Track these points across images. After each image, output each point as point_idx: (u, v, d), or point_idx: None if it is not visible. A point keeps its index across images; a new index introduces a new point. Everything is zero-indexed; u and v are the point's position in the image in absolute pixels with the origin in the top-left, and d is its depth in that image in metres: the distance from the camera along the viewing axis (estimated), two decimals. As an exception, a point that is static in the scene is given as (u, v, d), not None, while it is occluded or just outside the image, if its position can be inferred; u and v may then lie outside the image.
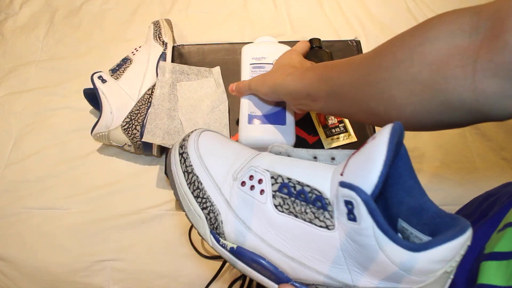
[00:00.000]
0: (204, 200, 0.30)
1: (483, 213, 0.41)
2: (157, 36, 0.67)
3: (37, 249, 0.59)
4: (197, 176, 0.31)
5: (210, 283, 0.55)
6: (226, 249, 0.30)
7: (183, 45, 0.66)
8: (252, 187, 0.29)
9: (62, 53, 0.77)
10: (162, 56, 0.64)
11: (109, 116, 0.60)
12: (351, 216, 0.23)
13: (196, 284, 0.57)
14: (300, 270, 0.27)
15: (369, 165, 0.23)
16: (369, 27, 0.79)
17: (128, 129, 0.60)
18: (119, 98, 0.61)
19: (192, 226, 0.59)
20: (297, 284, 0.28)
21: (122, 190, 0.63)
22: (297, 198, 0.26)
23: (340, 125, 0.58)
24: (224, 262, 0.55)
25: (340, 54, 0.63)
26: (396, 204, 0.28)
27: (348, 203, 0.23)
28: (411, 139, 0.67)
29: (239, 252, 0.29)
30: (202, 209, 0.30)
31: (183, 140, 0.33)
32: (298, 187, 0.27)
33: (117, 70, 0.63)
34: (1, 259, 0.59)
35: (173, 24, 0.73)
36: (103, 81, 0.61)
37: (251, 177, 0.29)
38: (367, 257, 0.24)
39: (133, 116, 0.60)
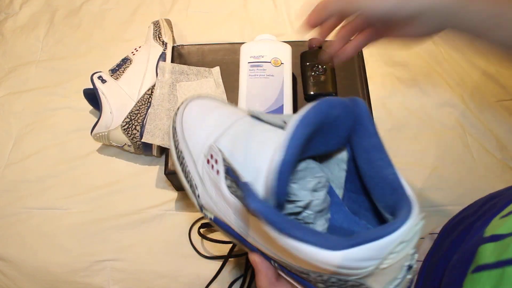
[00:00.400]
0: (186, 175, 0.32)
1: (484, 214, 0.41)
2: (157, 36, 0.67)
3: (37, 249, 0.59)
4: (181, 152, 0.32)
5: (210, 283, 0.55)
6: (208, 218, 0.31)
7: (182, 45, 0.66)
8: (212, 166, 0.29)
9: (62, 53, 0.77)
10: (162, 56, 0.64)
11: (109, 116, 0.60)
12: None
13: (196, 284, 0.57)
14: (256, 244, 0.28)
15: (273, 164, 0.22)
16: (369, 27, 0.79)
17: (128, 129, 0.60)
18: (119, 98, 0.61)
19: (192, 226, 0.60)
20: (262, 254, 0.29)
21: (122, 190, 0.63)
22: (236, 183, 0.27)
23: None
24: (224, 262, 0.55)
25: (340, 54, 0.63)
26: (365, 177, 0.27)
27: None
28: (411, 139, 0.67)
29: (216, 222, 0.31)
30: (187, 182, 0.32)
31: (175, 114, 0.34)
32: (234, 173, 0.27)
33: (117, 70, 0.63)
34: (1, 259, 0.59)
35: (173, 24, 0.73)
36: (103, 81, 0.61)
37: (211, 156, 0.29)
38: (293, 253, 0.23)
39: (133, 116, 0.60)
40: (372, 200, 0.28)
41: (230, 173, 0.27)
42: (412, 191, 0.24)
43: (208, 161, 0.30)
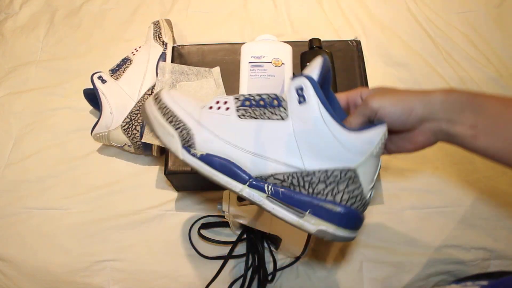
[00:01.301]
0: (177, 123, 0.36)
1: None
2: (157, 36, 0.67)
3: (37, 249, 0.59)
4: (170, 107, 0.37)
5: (210, 283, 0.55)
6: (196, 157, 0.35)
7: (182, 45, 0.66)
8: (218, 108, 0.36)
9: (62, 53, 0.77)
10: (162, 56, 0.64)
11: (109, 116, 0.60)
12: (301, 99, 0.32)
13: (196, 284, 0.57)
14: (260, 162, 0.33)
15: (312, 66, 0.33)
16: (369, 27, 0.79)
17: (128, 129, 0.60)
18: (119, 98, 0.61)
19: (192, 226, 0.60)
20: (256, 183, 0.34)
21: (122, 190, 0.63)
22: (257, 106, 0.35)
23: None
24: (224, 262, 0.55)
25: (340, 54, 0.63)
26: None
27: (299, 89, 0.32)
28: (411, 139, 0.67)
29: (207, 158, 0.35)
30: (176, 129, 0.36)
31: (155, 95, 0.39)
32: (257, 97, 0.35)
33: (117, 70, 0.63)
34: (1, 259, 0.59)
35: (173, 24, 0.73)
36: (103, 81, 0.61)
37: (217, 102, 0.36)
38: (314, 135, 0.32)
39: (133, 116, 0.60)
40: None
41: (251, 101, 0.35)
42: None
43: (210, 107, 0.36)
